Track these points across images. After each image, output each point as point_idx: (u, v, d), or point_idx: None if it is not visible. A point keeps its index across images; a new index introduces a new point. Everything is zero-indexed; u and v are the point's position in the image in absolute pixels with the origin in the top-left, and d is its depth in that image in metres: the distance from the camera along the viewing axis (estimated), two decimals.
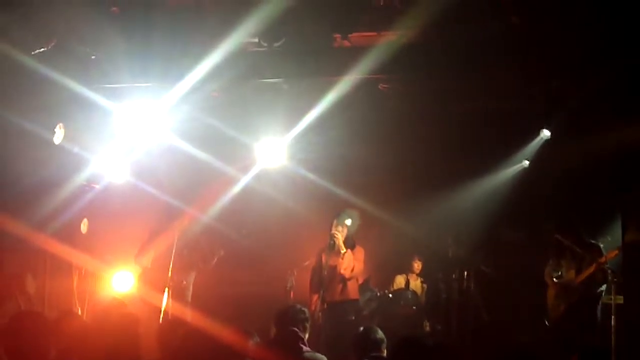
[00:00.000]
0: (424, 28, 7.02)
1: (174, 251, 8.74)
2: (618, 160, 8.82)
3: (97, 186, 9.17)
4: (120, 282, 9.46)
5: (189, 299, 9.31)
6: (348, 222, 8.89)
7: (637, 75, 7.43)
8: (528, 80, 8.18)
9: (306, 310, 6.12)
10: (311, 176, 10.19)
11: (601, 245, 8.59)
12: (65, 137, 8.19)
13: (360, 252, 8.89)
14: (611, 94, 8.07)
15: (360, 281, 9.38)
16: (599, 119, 8.62)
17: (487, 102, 8.89)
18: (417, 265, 10.62)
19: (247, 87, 8.58)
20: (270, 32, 7.16)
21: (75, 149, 8.53)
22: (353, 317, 8.86)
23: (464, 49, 7.24)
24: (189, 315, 8.68)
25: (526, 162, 10.18)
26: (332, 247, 8.78)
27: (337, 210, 9.20)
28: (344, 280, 8.78)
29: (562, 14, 6.91)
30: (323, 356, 5.76)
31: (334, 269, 8.76)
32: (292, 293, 9.29)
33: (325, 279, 8.72)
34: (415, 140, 10.00)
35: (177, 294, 8.93)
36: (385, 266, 10.74)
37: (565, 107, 8.57)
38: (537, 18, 6.96)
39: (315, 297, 8.78)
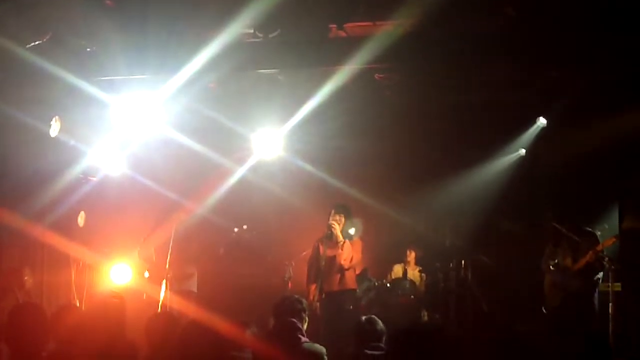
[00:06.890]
0: (420, 18, 7.00)
1: (171, 244, 8.74)
2: (615, 149, 8.84)
3: (93, 179, 9.16)
4: (118, 275, 9.46)
5: (195, 288, 9.33)
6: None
7: (633, 64, 7.42)
8: (525, 71, 8.18)
9: (303, 300, 6.10)
10: (308, 167, 10.19)
11: (598, 233, 8.60)
12: (61, 130, 8.17)
13: (357, 242, 8.89)
14: (608, 83, 8.08)
15: (358, 272, 9.39)
16: (596, 108, 8.63)
17: (483, 92, 8.88)
18: (410, 255, 10.61)
19: (243, 79, 8.58)
20: (265, 23, 7.14)
21: (72, 142, 8.51)
22: (351, 307, 8.87)
23: (461, 39, 7.23)
24: (188, 306, 8.69)
25: (522, 151, 10.20)
26: (329, 237, 8.79)
27: (334, 201, 9.21)
28: (341, 270, 8.78)
29: (558, 4, 6.90)
30: (322, 347, 5.75)
31: (332, 259, 8.76)
32: (290, 284, 9.32)
33: (323, 269, 8.71)
34: (411, 130, 10.02)
35: (176, 286, 8.95)
36: (383, 256, 10.75)
37: (562, 96, 8.58)
38: (533, 8, 6.94)
39: (312, 287, 8.79)
